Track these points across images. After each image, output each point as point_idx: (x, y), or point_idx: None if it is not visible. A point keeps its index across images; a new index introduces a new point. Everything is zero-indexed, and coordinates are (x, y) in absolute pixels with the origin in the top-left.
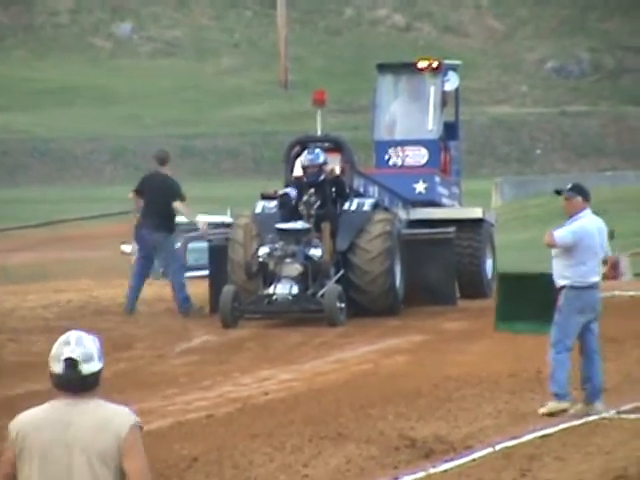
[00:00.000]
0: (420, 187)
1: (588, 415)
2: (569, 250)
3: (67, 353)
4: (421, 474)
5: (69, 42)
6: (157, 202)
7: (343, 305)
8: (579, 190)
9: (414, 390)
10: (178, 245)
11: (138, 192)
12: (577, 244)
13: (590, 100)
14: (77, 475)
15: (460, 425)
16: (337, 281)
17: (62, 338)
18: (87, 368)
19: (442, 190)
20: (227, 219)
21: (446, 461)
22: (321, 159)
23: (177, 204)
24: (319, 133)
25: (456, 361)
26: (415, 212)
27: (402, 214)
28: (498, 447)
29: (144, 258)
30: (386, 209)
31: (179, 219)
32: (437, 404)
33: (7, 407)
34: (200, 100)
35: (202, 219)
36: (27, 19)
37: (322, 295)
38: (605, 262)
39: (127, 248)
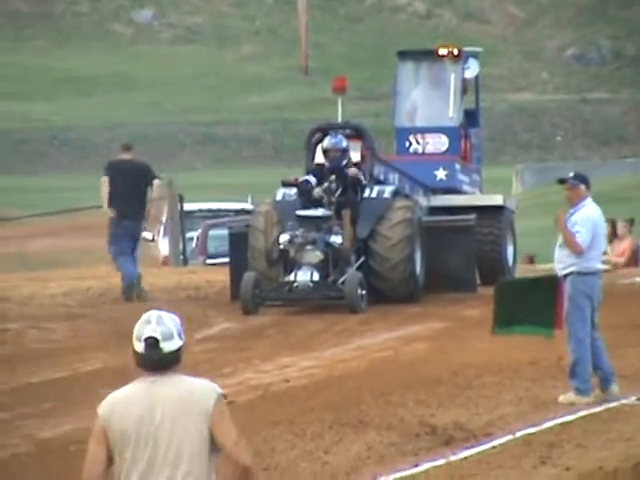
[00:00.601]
0: (441, 174)
1: (607, 401)
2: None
3: (148, 332)
4: (441, 461)
5: (89, 30)
6: (134, 189)
7: (364, 292)
8: (582, 179)
9: (434, 377)
10: (199, 232)
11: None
12: (593, 233)
13: (611, 87)
14: (167, 451)
15: (480, 412)
16: (358, 268)
17: (143, 317)
18: (167, 346)
19: (463, 177)
20: (248, 206)
21: (466, 448)
22: (344, 144)
23: (156, 184)
24: (340, 120)
25: (476, 348)
26: (436, 199)
27: (423, 201)
28: (518, 434)
29: (130, 243)
30: (407, 196)
31: (198, 206)
32: (457, 391)
33: (28, 394)
34: (221, 87)
35: (147, 235)
36: (47, 8)
37: (343, 282)
38: (605, 252)
39: (149, 235)
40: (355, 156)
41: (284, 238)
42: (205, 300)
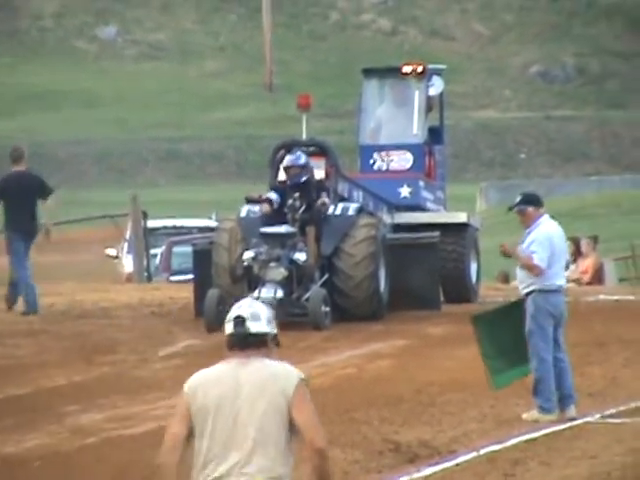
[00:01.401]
0: (405, 191)
1: (570, 419)
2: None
3: (236, 312)
4: (405, 478)
5: (54, 46)
6: (26, 204)
7: (328, 309)
8: (528, 200)
9: (398, 395)
10: (162, 249)
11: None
12: (551, 251)
13: (575, 105)
14: (246, 430)
15: (444, 429)
16: (322, 285)
17: (237, 304)
18: (254, 326)
19: (427, 194)
20: (212, 223)
21: (430, 465)
22: (302, 160)
23: (50, 202)
24: (304, 137)
25: (440, 366)
26: (400, 216)
27: (387, 218)
28: (482, 451)
29: (23, 258)
30: (371, 213)
31: (162, 223)
32: (421, 409)
33: None
34: (185, 103)
35: (111, 251)
36: (11, 23)
37: (307, 299)
38: (566, 267)
39: (112, 251)
40: (319, 173)
41: (248, 255)
42: (169, 317)
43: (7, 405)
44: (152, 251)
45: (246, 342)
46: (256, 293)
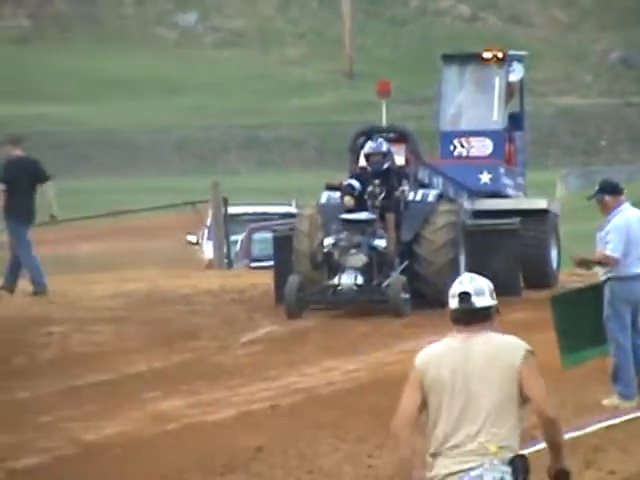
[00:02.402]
0: (485, 178)
1: None
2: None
3: (461, 289)
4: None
5: (134, 33)
6: (25, 188)
7: (408, 296)
8: (605, 189)
9: None
10: (243, 235)
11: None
12: (627, 239)
13: None
14: (478, 402)
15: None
16: (402, 272)
17: (458, 279)
18: (479, 301)
19: (507, 181)
20: (292, 210)
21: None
22: (384, 147)
23: (49, 187)
24: (384, 123)
25: None
26: (480, 203)
27: (467, 205)
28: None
29: (26, 240)
30: (451, 200)
31: (243, 209)
32: None
33: (73, 397)
34: (265, 90)
35: (191, 238)
36: (92, 10)
37: (387, 285)
38: None
39: (193, 238)
40: (399, 159)
41: (328, 241)
42: (250, 303)
43: (88, 392)
44: (232, 237)
45: (472, 317)
46: (336, 279)
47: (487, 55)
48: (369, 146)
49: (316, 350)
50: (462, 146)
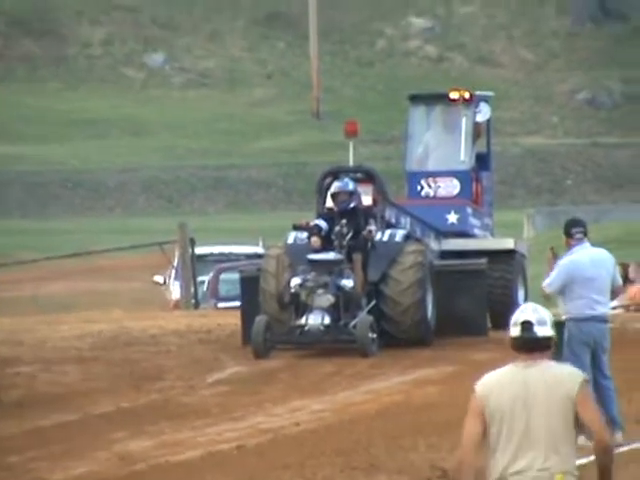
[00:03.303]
0: (452, 218)
1: (618, 446)
2: (564, 286)
3: (524, 317)
4: None
5: (102, 73)
6: None
7: (375, 336)
8: (565, 228)
9: (445, 421)
10: (210, 276)
11: None
12: (569, 280)
13: (622, 131)
14: (538, 430)
15: None
16: (369, 312)
17: (520, 308)
18: (540, 330)
19: (474, 221)
20: (259, 250)
21: None
22: (350, 187)
23: None
24: (351, 163)
25: None
26: (447, 243)
27: (434, 245)
28: None
29: None
30: (418, 240)
31: (210, 250)
32: None
33: (39, 437)
34: (233, 131)
35: (158, 279)
36: (60, 50)
37: (354, 326)
38: (618, 291)
39: (160, 278)
40: (367, 199)
41: (295, 282)
42: (216, 343)
43: (55, 432)
44: (199, 278)
45: (533, 346)
46: (303, 320)
47: (454, 95)
48: (336, 185)
49: (283, 390)
50: (429, 186)
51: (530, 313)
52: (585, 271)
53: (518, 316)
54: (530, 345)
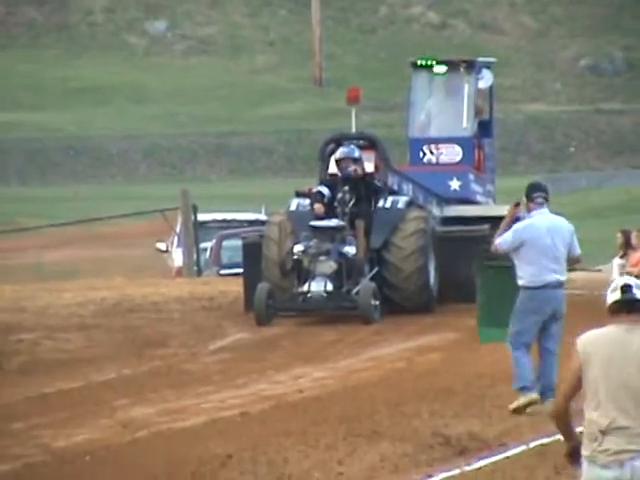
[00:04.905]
0: (454, 184)
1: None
2: (517, 251)
3: (623, 282)
4: (455, 471)
5: (104, 40)
6: None
7: (377, 302)
8: (527, 192)
9: (448, 388)
10: (212, 243)
11: None
12: (522, 244)
13: (624, 98)
14: (635, 387)
15: (494, 422)
16: (371, 278)
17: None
18: (639, 293)
19: (476, 187)
20: (262, 217)
21: (480, 459)
22: (356, 153)
23: None
24: (354, 130)
25: (490, 359)
26: (449, 209)
27: (436, 211)
28: (532, 444)
29: None
30: (420, 207)
31: (212, 217)
32: (471, 401)
33: (43, 404)
34: (234, 98)
35: (160, 246)
36: (62, 18)
37: (356, 292)
38: (576, 261)
39: (162, 246)
40: (369, 166)
41: (298, 248)
42: (219, 311)
43: (58, 399)
44: (202, 245)
45: (633, 307)
46: (306, 287)
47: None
48: (341, 151)
49: (285, 357)
50: (431, 153)
51: (628, 279)
52: (539, 238)
53: (617, 282)
54: (630, 307)
